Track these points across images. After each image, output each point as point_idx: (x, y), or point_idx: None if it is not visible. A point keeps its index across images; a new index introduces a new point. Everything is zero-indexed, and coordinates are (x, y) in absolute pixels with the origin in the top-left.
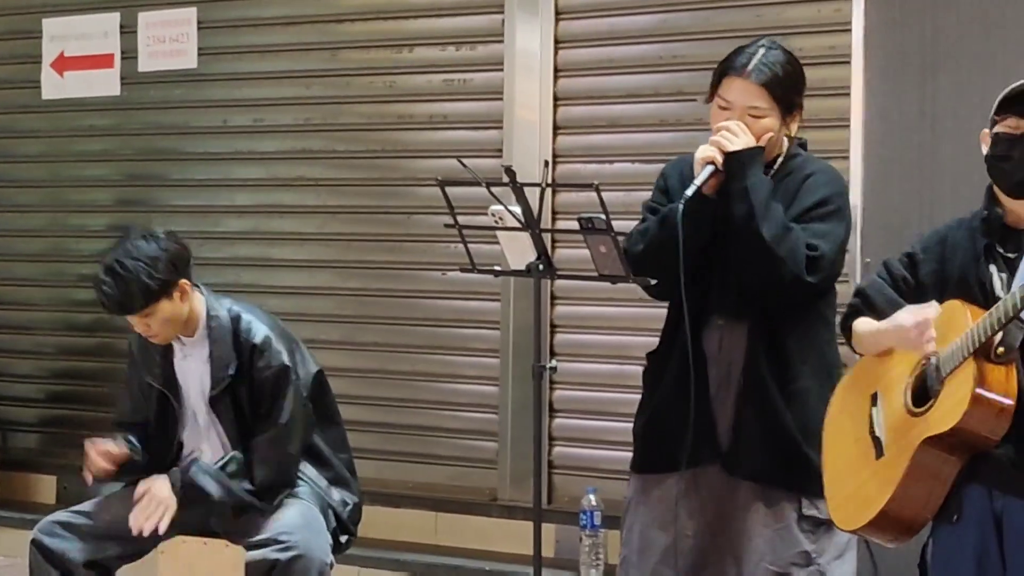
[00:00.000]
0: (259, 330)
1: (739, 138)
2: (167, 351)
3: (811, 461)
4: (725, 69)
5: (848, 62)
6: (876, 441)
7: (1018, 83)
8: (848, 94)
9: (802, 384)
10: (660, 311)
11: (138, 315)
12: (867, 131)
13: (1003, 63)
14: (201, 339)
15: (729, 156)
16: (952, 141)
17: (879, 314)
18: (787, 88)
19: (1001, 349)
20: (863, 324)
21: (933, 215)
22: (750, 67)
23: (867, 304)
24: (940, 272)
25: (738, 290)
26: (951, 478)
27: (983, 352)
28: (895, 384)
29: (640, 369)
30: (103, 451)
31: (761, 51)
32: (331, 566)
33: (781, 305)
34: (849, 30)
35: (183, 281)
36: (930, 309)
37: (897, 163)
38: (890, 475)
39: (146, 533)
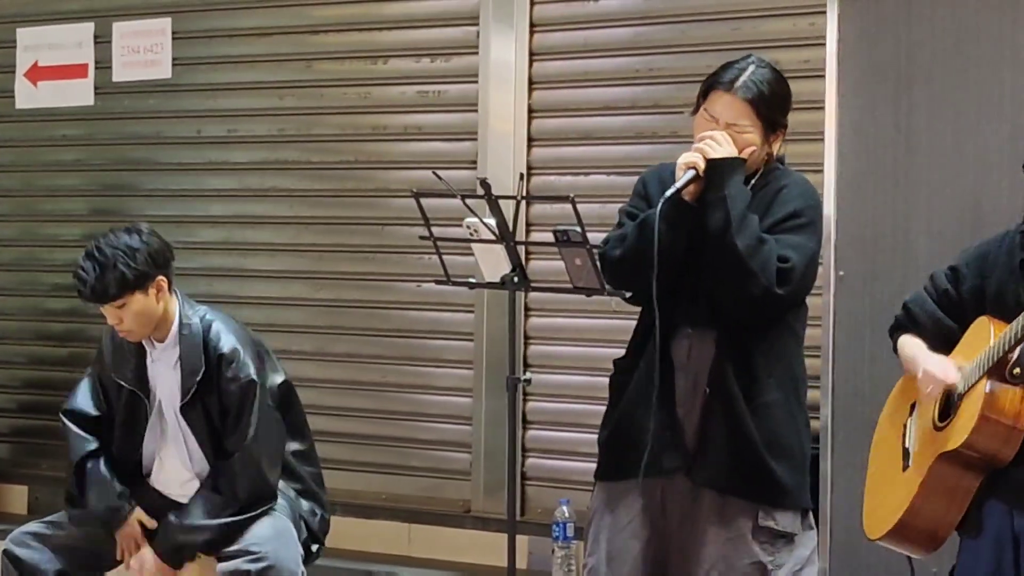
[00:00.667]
0: (227, 341)
1: (722, 147)
2: (140, 353)
3: (773, 473)
4: (713, 83)
5: (822, 76)
6: (906, 452)
7: None
8: (822, 107)
9: (768, 397)
10: (633, 323)
11: (111, 304)
12: (841, 144)
13: (977, 78)
14: (172, 344)
15: (710, 163)
16: (926, 155)
17: (921, 328)
18: (772, 107)
19: (1017, 370)
20: (907, 345)
21: (907, 228)
22: (738, 83)
23: (910, 319)
24: (980, 288)
25: (708, 300)
26: (970, 493)
27: (998, 371)
28: (929, 398)
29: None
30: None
31: (751, 68)
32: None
33: (752, 317)
34: (823, 44)
35: (160, 278)
36: (953, 372)
37: (871, 176)
38: (911, 486)
39: None
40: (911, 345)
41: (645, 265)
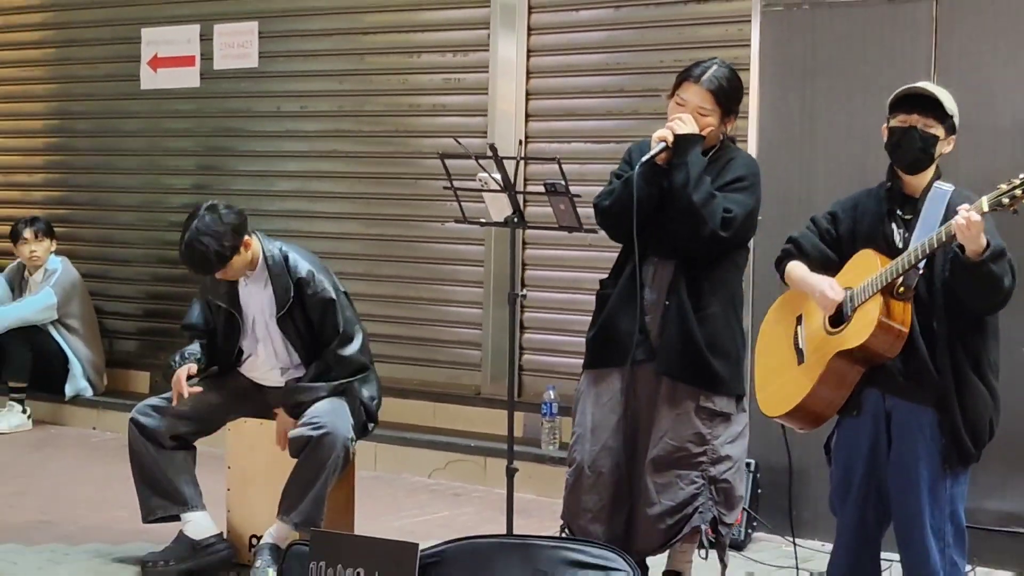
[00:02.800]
0: (303, 266)
1: (687, 126)
2: (232, 281)
3: (712, 366)
4: (685, 76)
5: (747, 69)
6: (799, 351)
7: (902, 88)
8: (747, 94)
9: (711, 309)
10: (604, 254)
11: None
12: (760, 122)
13: (864, 72)
14: (260, 272)
15: (678, 138)
16: (825, 130)
17: (809, 257)
18: (728, 97)
19: (902, 288)
20: (796, 268)
21: (810, 185)
22: (704, 77)
23: (799, 249)
24: (853, 229)
25: (670, 238)
26: (854, 383)
27: (888, 290)
28: (816, 309)
29: (589, 297)
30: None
31: (714, 67)
32: (353, 441)
33: (703, 252)
34: (748, 45)
35: (245, 238)
36: (839, 291)
37: (783, 147)
38: (808, 378)
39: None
40: (800, 269)
41: (627, 211)
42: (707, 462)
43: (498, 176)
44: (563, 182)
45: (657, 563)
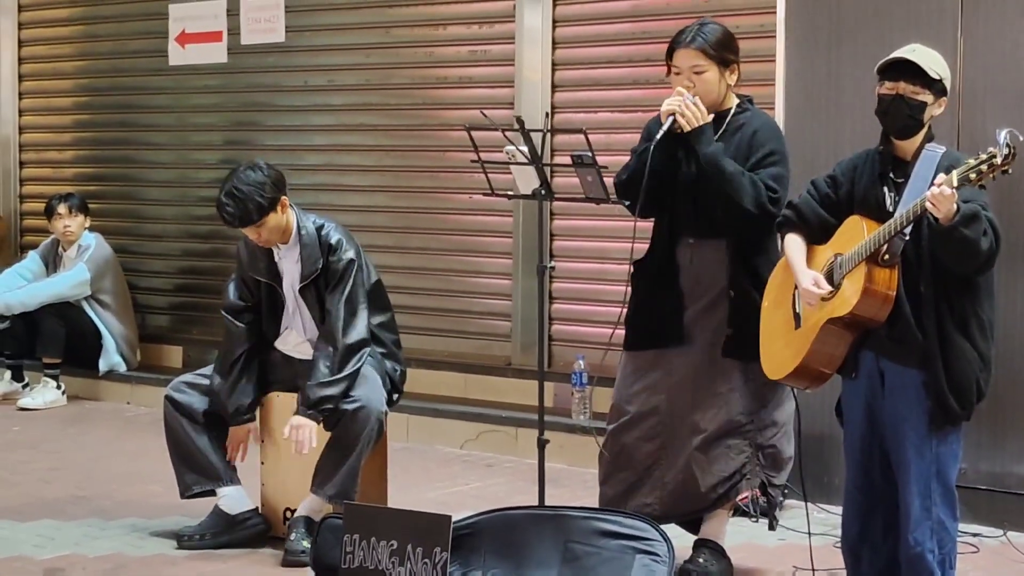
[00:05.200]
0: (335, 235)
1: (695, 117)
2: (269, 254)
3: (758, 341)
4: (672, 45)
5: (773, 36)
6: (796, 316)
7: (887, 57)
8: (774, 60)
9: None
10: (631, 224)
11: (254, 227)
12: (787, 88)
13: (889, 38)
14: (293, 244)
15: (687, 135)
16: (851, 95)
17: (808, 223)
18: (718, 47)
19: (887, 256)
20: (790, 247)
21: (837, 150)
22: (687, 39)
23: (799, 216)
24: (851, 192)
25: (707, 219)
26: (848, 345)
27: (873, 257)
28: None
29: (617, 267)
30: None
31: (695, 27)
32: (386, 414)
33: (753, 232)
34: (774, 12)
35: (283, 197)
36: (824, 287)
37: (810, 112)
38: (804, 341)
39: (304, 451)
40: (793, 250)
41: (640, 182)
42: (755, 430)
43: (525, 148)
44: (590, 153)
45: (679, 532)
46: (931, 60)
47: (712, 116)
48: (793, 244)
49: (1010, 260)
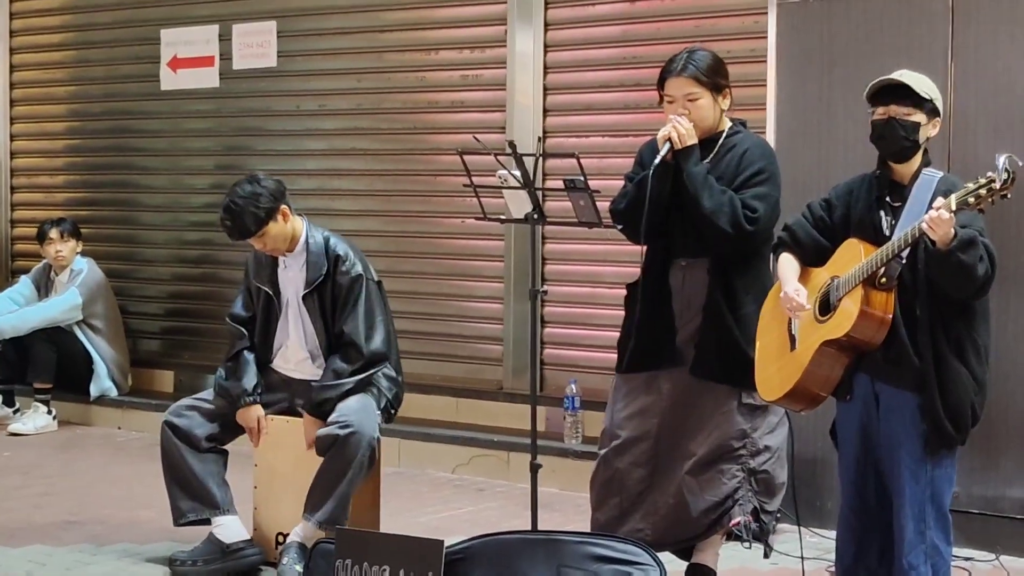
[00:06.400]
0: (342, 247)
1: (683, 128)
2: (274, 264)
3: (752, 364)
4: (664, 74)
5: (764, 61)
6: (792, 338)
7: (874, 81)
8: (765, 85)
9: (747, 310)
10: (624, 248)
11: (255, 237)
12: (779, 112)
13: (880, 62)
14: (300, 253)
15: (676, 153)
16: (842, 119)
17: (802, 246)
18: (710, 73)
19: (884, 279)
20: (784, 264)
21: (828, 174)
22: (678, 67)
23: (793, 238)
24: (847, 216)
25: (697, 240)
26: (843, 368)
27: (870, 280)
28: (809, 295)
29: (609, 291)
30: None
31: (685, 55)
32: (378, 440)
33: (734, 253)
34: (765, 36)
35: (282, 207)
36: (803, 297)
37: (801, 136)
38: (800, 363)
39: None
40: (785, 268)
41: (641, 210)
42: (747, 455)
43: (517, 173)
44: (582, 178)
45: (671, 557)
46: (919, 81)
47: (706, 138)
48: (786, 261)
49: (1003, 283)
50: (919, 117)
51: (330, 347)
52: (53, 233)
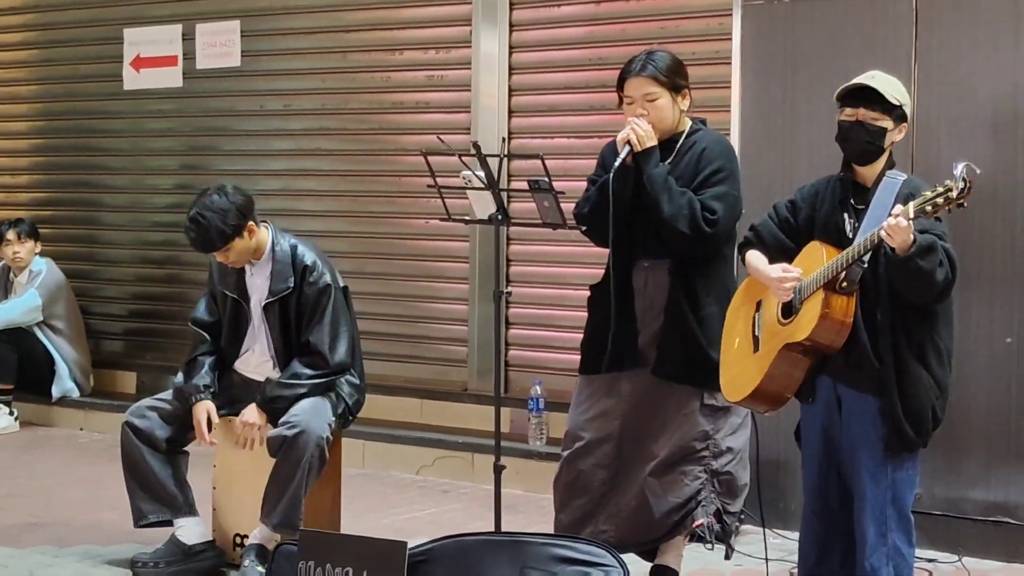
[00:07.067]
0: (310, 256)
1: (642, 130)
2: (240, 270)
3: (715, 365)
4: (623, 75)
5: (729, 63)
6: (755, 339)
7: (846, 84)
8: (729, 86)
9: (709, 310)
10: (589, 250)
11: (219, 252)
12: (743, 114)
13: (844, 65)
14: (266, 261)
15: (636, 155)
16: (806, 122)
17: (767, 247)
18: (669, 74)
19: (845, 283)
20: (754, 258)
21: (792, 176)
22: (639, 67)
23: (758, 238)
24: (811, 217)
25: (659, 240)
26: (805, 371)
27: (831, 284)
28: (772, 297)
29: (574, 292)
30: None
31: (644, 56)
32: (328, 440)
33: (694, 254)
34: (729, 39)
35: (250, 223)
36: (793, 271)
37: (765, 138)
38: (762, 365)
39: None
40: (757, 259)
41: (605, 215)
42: (709, 456)
43: (482, 173)
44: (546, 179)
45: (634, 558)
46: (891, 86)
47: (666, 139)
48: (755, 256)
49: (965, 286)
50: (887, 123)
51: (289, 356)
52: (10, 234)
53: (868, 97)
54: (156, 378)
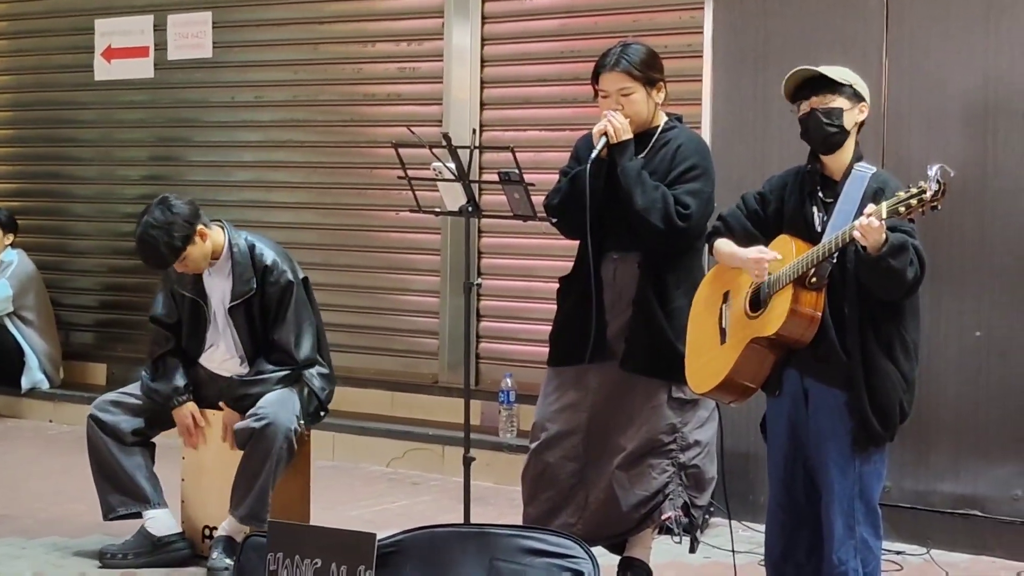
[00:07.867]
0: (269, 255)
1: (617, 122)
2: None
3: (683, 358)
4: (597, 68)
5: (701, 56)
6: (723, 331)
7: (786, 78)
8: (700, 80)
9: (678, 304)
10: (559, 242)
11: (176, 264)
12: (714, 108)
13: (815, 59)
14: (224, 261)
15: (612, 147)
16: (777, 115)
17: (735, 236)
18: (643, 68)
19: (814, 279)
20: (724, 244)
21: (764, 169)
22: (613, 61)
23: (727, 228)
24: (779, 210)
25: (629, 234)
26: (771, 364)
27: (800, 280)
28: (740, 289)
29: (545, 285)
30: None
31: (618, 49)
32: (296, 432)
33: (667, 248)
34: (701, 32)
35: (200, 228)
36: (770, 253)
37: (736, 132)
38: (729, 357)
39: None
40: (728, 245)
41: (576, 206)
42: (677, 449)
43: (452, 165)
44: (517, 171)
45: (603, 551)
46: (832, 70)
47: (641, 132)
48: (725, 243)
49: (934, 281)
50: (840, 103)
51: (257, 352)
52: None
53: (813, 85)
54: (126, 370)
